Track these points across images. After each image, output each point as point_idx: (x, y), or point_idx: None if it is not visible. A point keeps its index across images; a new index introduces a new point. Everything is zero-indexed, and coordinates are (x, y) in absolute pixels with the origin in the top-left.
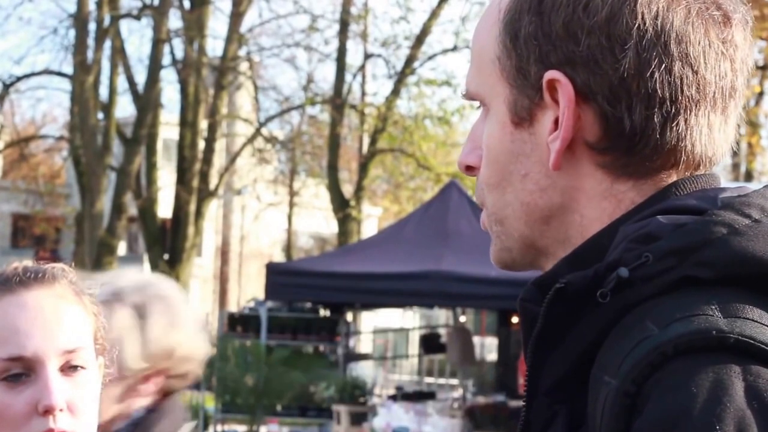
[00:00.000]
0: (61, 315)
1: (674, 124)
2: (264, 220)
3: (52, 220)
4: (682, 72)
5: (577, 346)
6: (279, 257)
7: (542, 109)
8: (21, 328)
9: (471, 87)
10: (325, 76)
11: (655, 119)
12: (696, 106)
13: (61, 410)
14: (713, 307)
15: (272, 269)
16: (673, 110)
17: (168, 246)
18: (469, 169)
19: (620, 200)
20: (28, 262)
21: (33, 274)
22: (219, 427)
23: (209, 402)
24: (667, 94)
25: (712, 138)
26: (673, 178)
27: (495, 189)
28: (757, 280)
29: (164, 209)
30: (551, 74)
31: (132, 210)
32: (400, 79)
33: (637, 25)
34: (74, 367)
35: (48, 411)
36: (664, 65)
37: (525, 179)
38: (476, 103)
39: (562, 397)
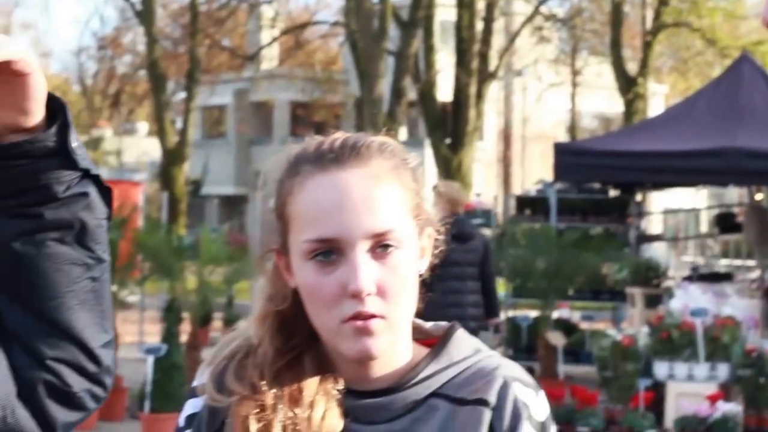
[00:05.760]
0: (373, 196)
1: None
2: (546, 101)
3: (330, 107)
4: None
5: None
6: (563, 138)
7: None
8: (329, 210)
9: None
10: None
11: None
12: None
13: (369, 294)
14: None
15: (560, 150)
16: None
17: (449, 130)
18: None
19: None
20: (343, 134)
21: (349, 150)
22: (510, 312)
23: (500, 287)
24: None
25: None
26: None
27: None
28: None
29: (444, 93)
30: None
31: (411, 94)
32: None
33: None
34: (386, 249)
35: (355, 294)
36: None
37: None
38: None
39: None
